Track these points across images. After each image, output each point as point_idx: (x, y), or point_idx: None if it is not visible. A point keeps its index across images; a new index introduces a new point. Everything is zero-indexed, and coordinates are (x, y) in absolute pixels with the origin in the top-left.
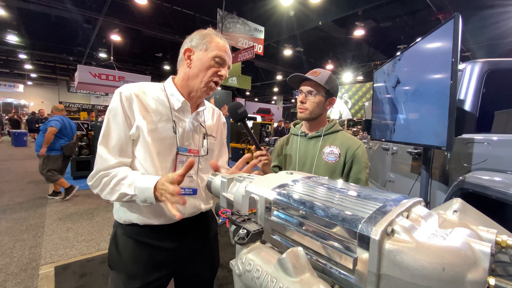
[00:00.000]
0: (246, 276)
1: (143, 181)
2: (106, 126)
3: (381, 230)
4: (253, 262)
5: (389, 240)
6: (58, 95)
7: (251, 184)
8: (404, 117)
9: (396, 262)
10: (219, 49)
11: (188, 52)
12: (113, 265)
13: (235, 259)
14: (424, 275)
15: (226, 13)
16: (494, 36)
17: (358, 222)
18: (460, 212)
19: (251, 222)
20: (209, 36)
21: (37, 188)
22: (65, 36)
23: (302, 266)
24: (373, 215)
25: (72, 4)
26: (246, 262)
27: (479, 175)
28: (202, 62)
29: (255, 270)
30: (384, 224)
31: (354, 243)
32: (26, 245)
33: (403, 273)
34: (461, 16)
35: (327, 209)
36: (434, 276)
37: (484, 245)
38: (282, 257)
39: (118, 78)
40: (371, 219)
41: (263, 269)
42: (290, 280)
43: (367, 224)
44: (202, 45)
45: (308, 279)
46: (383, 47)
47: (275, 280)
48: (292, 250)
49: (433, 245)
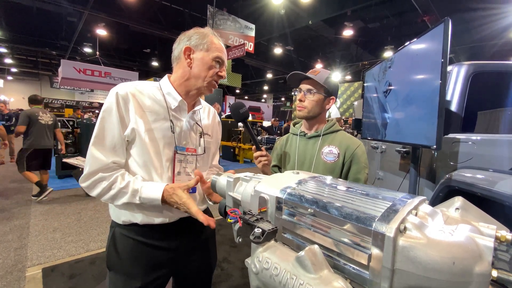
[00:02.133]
0: (264, 274)
1: (149, 191)
2: (100, 125)
3: (395, 227)
4: (270, 260)
5: (402, 237)
6: (40, 90)
7: (260, 183)
8: (395, 117)
9: (410, 257)
10: (219, 50)
11: (188, 51)
12: (112, 265)
13: (251, 258)
14: (436, 269)
15: (217, 10)
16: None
17: (372, 221)
18: (462, 210)
19: (264, 221)
20: (209, 37)
21: (20, 187)
22: (48, 29)
23: (320, 263)
24: (385, 214)
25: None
26: (263, 261)
27: (464, 173)
28: (204, 62)
29: (273, 268)
30: (397, 222)
31: (368, 240)
32: (10, 247)
33: (417, 268)
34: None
35: (340, 208)
36: (445, 269)
37: (487, 240)
38: (301, 254)
39: (104, 74)
40: (384, 217)
41: (281, 266)
42: (310, 277)
43: (381, 222)
44: (202, 45)
45: (327, 275)
46: (371, 47)
47: (295, 277)
48: (310, 248)
49: (443, 241)
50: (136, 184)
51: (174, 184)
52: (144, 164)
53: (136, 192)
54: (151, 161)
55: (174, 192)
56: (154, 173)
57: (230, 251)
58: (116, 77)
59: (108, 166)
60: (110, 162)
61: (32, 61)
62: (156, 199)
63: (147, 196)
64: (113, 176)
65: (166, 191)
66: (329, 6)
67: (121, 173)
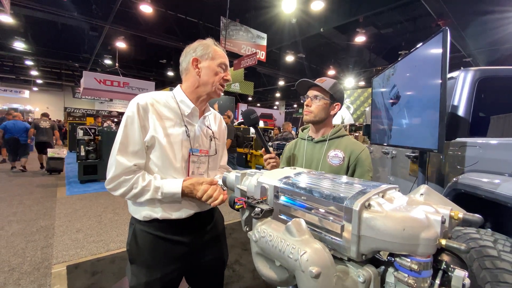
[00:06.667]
0: (261, 241)
1: (169, 186)
2: (123, 133)
3: (361, 203)
4: (266, 231)
5: (366, 211)
6: (63, 100)
7: (261, 176)
8: (400, 122)
9: (371, 226)
10: (222, 56)
11: (195, 62)
12: (134, 259)
13: (252, 231)
14: (390, 234)
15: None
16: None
17: (344, 199)
18: (426, 195)
19: (263, 203)
20: (212, 46)
21: (45, 191)
22: (71, 43)
23: (303, 230)
24: (356, 195)
25: (78, 12)
26: (261, 231)
27: (470, 176)
28: (211, 69)
29: (268, 236)
30: (363, 200)
31: (341, 214)
32: (37, 246)
33: (376, 233)
34: (460, 22)
35: (322, 192)
36: (397, 234)
37: (437, 215)
38: (288, 224)
39: (122, 84)
40: (354, 197)
41: (274, 234)
42: (295, 240)
43: (351, 200)
44: (207, 54)
45: (307, 239)
46: (385, 53)
47: (283, 241)
48: (295, 219)
49: (397, 214)
50: (157, 182)
51: (192, 179)
52: (163, 166)
53: (158, 189)
54: (170, 163)
55: (194, 188)
56: (171, 174)
57: (242, 254)
58: (134, 87)
59: (131, 169)
60: (132, 165)
61: (56, 73)
62: (176, 193)
63: (168, 191)
64: (134, 177)
65: (186, 187)
66: (341, 14)
67: (141, 173)
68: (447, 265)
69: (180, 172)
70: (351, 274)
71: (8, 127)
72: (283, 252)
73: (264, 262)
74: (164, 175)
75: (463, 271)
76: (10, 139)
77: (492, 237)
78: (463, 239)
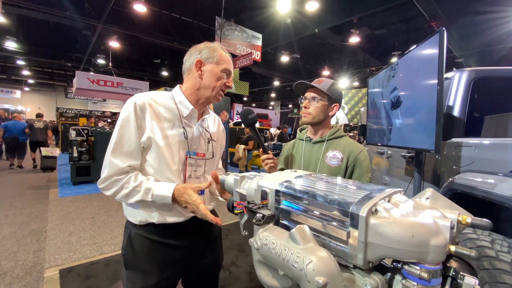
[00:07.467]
0: (264, 249)
1: (160, 189)
2: (118, 133)
3: (368, 209)
4: (268, 238)
5: (373, 217)
6: (55, 101)
7: (262, 179)
8: (397, 122)
9: (378, 232)
10: (227, 62)
11: (199, 64)
12: (129, 264)
13: (254, 238)
14: (398, 241)
15: (224, 21)
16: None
17: (350, 205)
18: (431, 199)
19: (264, 208)
20: (218, 51)
21: (37, 193)
22: (64, 42)
23: (308, 238)
24: (362, 199)
25: (71, 11)
26: (263, 238)
27: (466, 176)
28: (214, 74)
29: (271, 243)
30: (370, 205)
31: (347, 220)
32: (29, 249)
33: (384, 240)
34: (453, 24)
35: (326, 196)
36: (406, 241)
37: (445, 221)
38: (292, 231)
39: (116, 84)
40: (360, 202)
41: (277, 242)
42: (299, 248)
43: (357, 205)
44: (213, 58)
45: (312, 246)
46: (378, 53)
47: (287, 249)
48: (299, 226)
49: (406, 220)
50: (149, 183)
51: (186, 184)
52: (159, 168)
53: (149, 190)
54: (166, 165)
55: (185, 192)
56: (168, 176)
57: (238, 256)
58: (127, 87)
59: (124, 170)
60: (126, 166)
61: (48, 73)
62: (167, 197)
63: (159, 193)
64: (126, 177)
65: (177, 190)
66: (335, 14)
67: (134, 173)
68: (456, 272)
69: (176, 175)
70: (358, 282)
71: (9, 127)
72: (287, 261)
73: (266, 271)
74: (160, 177)
75: (474, 279)
76: (10, 138)
77: (489, 237)
78: (461, 240)
